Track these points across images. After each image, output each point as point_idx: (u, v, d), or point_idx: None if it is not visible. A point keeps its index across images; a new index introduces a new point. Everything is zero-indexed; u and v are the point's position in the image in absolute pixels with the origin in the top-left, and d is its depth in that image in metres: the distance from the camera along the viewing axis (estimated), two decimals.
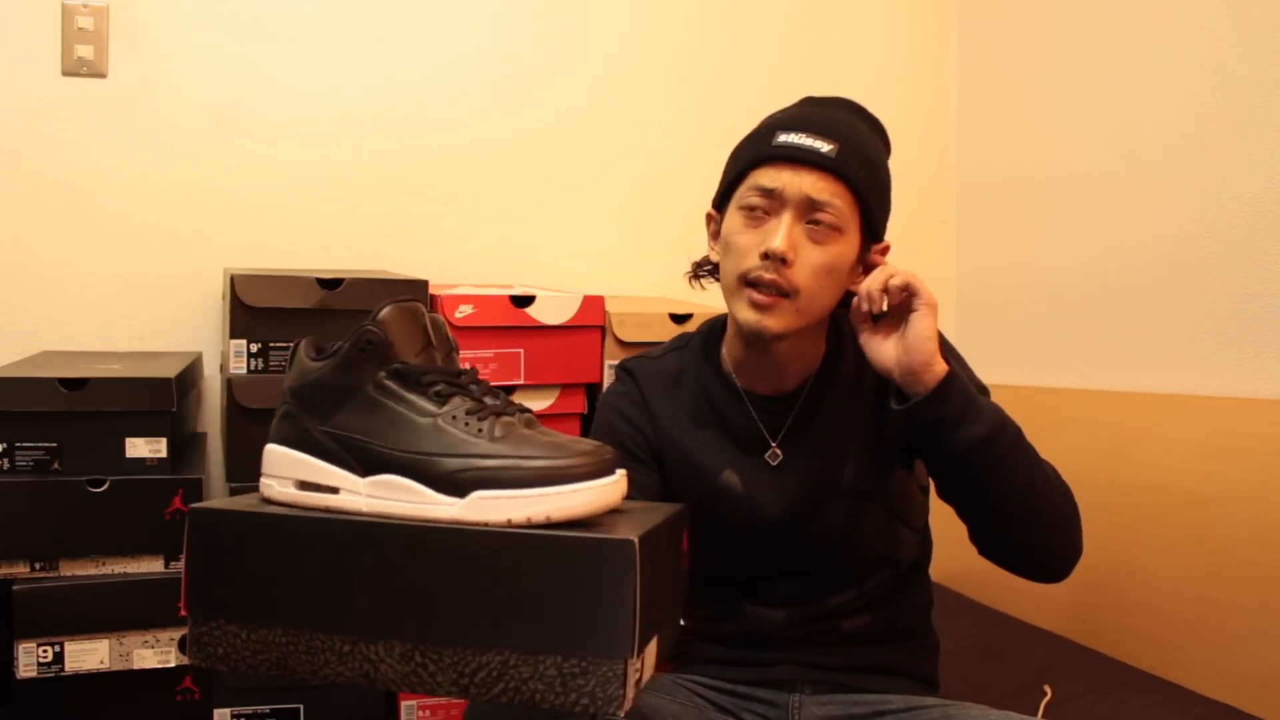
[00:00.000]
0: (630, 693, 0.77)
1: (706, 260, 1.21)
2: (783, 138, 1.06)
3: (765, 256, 1.03)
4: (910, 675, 1.17)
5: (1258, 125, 1.60)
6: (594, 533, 0.79)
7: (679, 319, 1.78)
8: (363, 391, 0.85)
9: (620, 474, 0.84)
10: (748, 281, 1.05)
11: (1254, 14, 1.61)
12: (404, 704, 1.65)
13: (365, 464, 0.84)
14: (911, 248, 1.11)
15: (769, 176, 1.06)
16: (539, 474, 0.80)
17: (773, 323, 1.05)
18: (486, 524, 0.80)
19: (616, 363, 1.28)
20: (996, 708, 1.05)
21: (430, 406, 0.84)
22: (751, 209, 1.07)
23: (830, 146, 1.04)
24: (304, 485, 0.87)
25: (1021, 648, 1.64)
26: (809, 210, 1.04)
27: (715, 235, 1.15)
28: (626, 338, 1.76)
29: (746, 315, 1.06)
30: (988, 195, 2.28)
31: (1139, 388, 1.77)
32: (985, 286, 2.27)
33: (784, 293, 1.04)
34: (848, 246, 1.06)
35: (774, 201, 1.05)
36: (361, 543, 0.82)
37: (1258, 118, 1.60)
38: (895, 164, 1.15)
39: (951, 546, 1.21)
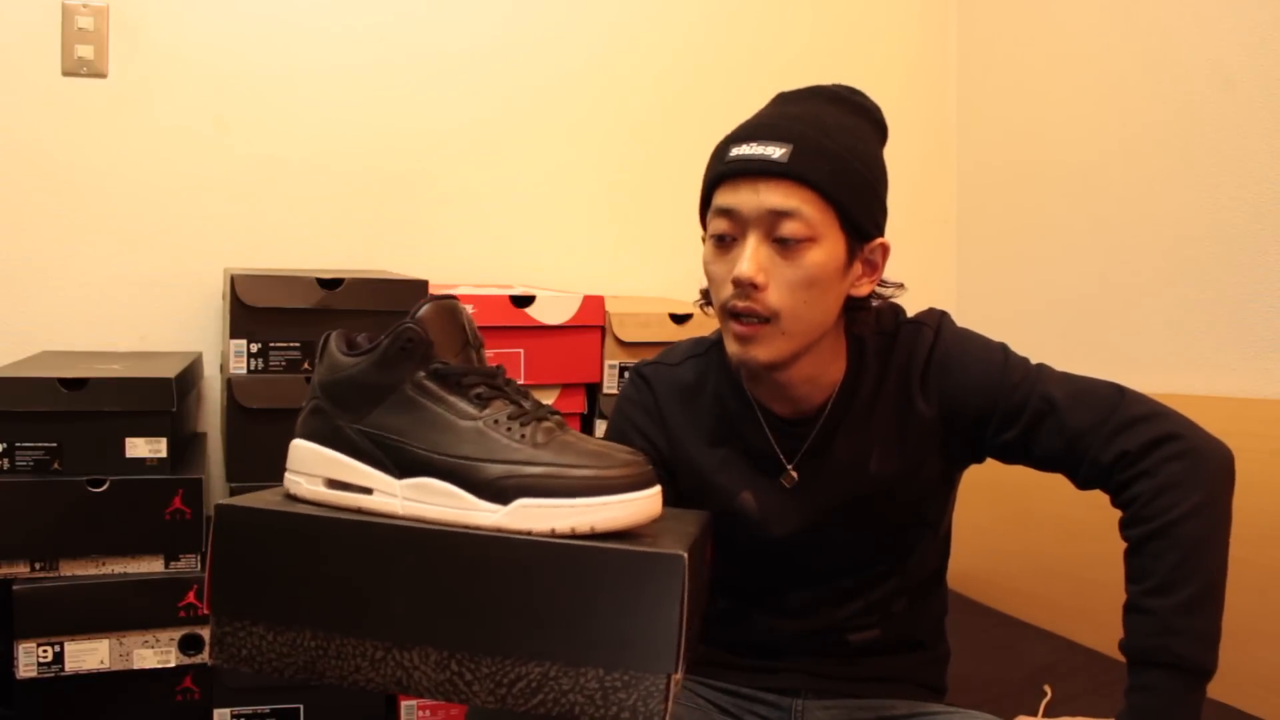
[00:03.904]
0: (670, 706, 0.76)
1: None
2: (734, 151, 1.00)
3: (736, 284, 0.99)
4: (916, 682, 1.16)
5: (1258, 125, 1.59)
6: (640, 545, 0.77)
7: (679, 319, 1.78)
8: (400, 390, 0.83)
9: (658, 487, 0.83)
10: (729, 313, 1.01)
11: (1254, 14, 1.61)
12: (404, 704, 1.65)
13: (401, 465, 0.82)
14: (911, 247, 1.09)
15: (727, 195, 1.00)
16: (583, 484, 0.78)
17: (760, 352, 1.00)
18: (530, 532, 0.78)
19: (630, 365, 1.23)
20: (997, 708, 1.05)
21: (471, 409, 0.82)
22: (719, 234, 1.01)
23: (782, 150, 0.97)
24: (335, 484, 0.85)
25: (1021, 648, 1.64)
26: (774, 225, 0.98)
27: None
28: (626, 338, 1.76)
29: (733, 349, 1.01)
30: (987, 195, 2.28)
31: (1139, 388, 1.76)
32: (985, 286, 2.27)
33: (763, 318, 0.99)
34: (826, 254, 0.99)
35: (736, 223, 0.99)
36: (401, 547, 0.80)
37: (1258, 118, 1.60)
38: (893, 162, 1.09)
39: (953, 546, 1.21)
